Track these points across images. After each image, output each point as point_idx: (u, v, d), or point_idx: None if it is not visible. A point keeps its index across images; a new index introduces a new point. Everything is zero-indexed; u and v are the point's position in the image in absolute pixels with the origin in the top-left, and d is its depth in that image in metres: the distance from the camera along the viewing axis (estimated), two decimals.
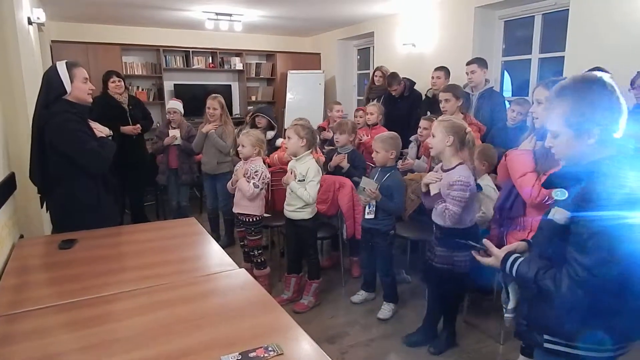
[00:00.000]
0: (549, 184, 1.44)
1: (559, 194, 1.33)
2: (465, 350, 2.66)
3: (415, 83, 4.95)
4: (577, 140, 1.31)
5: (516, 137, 3.19)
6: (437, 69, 4.50)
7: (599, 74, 1.32)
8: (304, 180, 2.97)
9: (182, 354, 1.24)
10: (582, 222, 1.24)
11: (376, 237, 3.01)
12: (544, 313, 1.37)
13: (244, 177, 3.11)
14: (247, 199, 3.13)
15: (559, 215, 1.32)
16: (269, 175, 3.22)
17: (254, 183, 3.08)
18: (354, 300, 3.24)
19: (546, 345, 1.39)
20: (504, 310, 1.60)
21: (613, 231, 1.19)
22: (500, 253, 1.51)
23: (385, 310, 3.04)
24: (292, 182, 2.98)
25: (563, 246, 1.30)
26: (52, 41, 5.93)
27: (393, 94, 4.86)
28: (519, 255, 1.48)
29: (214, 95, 4.12)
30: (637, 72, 3.00)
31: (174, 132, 4.35)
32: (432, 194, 2.45)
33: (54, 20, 6.23)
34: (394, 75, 4.86)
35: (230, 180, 3.28)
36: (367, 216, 2.99)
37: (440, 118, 2.54)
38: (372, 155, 3.02)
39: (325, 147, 4.13)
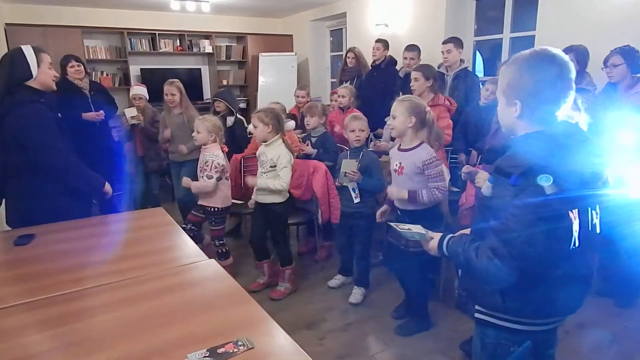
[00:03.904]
0: (486, 159, 1.46)
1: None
2: (443, 328, 2.66)
3: (396, 62, 4.76)
4: (507, 111, 1.31)
5: (488, 115, 3.20)
6: (408, 48, 4.38)
7: (553, 50, 1.26)
8: (275, 166, 2.88)
9: (147, 354, 1.17)
10: (496, 195, 1.26)
11: (359, 220, 2.95)
12: (475, 284, 1.38)
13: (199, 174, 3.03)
14: (209, 193, 3.04)
15: (485, 187, 1.33)
16: (222, 162, 3.06)
17: (206, 175, 2.98)
18: (331, 285, 3.21)
19: (476, 315, 1.41)
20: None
21: (524, 207, 1.16)
22: (436, 236, 1.50)
23: (357, 294, 3.02)
24: (260, 180, 2.90)
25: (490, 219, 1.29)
26: (7, 24, 5.59)
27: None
28: (453, 235, 1.47)
29: (171, 80, 3.91)
30: (611, 50, 2.99)
31: (130, 111, 4.05)
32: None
33: (7, 2, 5.86)
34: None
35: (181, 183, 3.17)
36: (355, 200, 2.91)
37: (399, 98, 2.48)
38: (356, 135, 2.89)
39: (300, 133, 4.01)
